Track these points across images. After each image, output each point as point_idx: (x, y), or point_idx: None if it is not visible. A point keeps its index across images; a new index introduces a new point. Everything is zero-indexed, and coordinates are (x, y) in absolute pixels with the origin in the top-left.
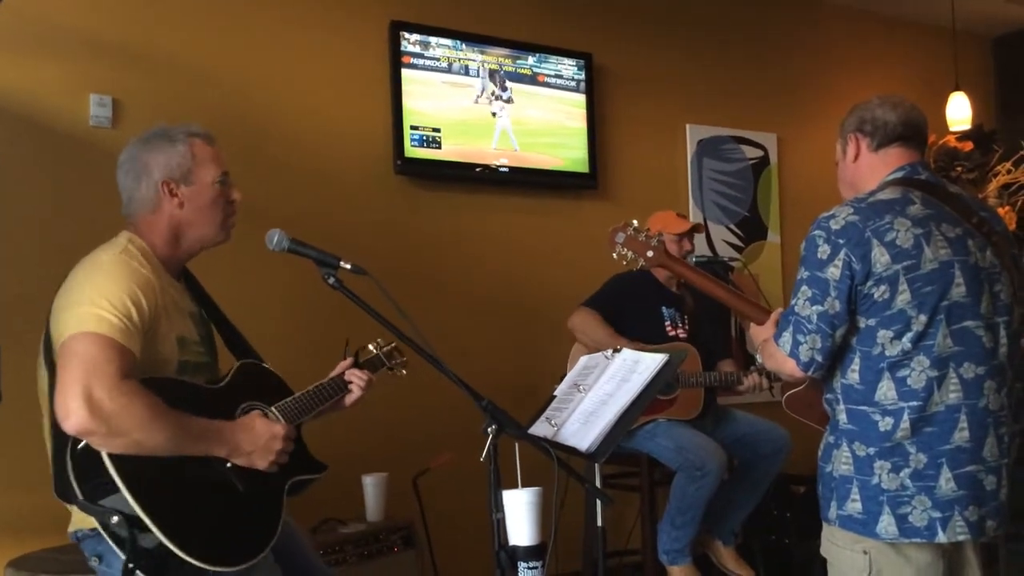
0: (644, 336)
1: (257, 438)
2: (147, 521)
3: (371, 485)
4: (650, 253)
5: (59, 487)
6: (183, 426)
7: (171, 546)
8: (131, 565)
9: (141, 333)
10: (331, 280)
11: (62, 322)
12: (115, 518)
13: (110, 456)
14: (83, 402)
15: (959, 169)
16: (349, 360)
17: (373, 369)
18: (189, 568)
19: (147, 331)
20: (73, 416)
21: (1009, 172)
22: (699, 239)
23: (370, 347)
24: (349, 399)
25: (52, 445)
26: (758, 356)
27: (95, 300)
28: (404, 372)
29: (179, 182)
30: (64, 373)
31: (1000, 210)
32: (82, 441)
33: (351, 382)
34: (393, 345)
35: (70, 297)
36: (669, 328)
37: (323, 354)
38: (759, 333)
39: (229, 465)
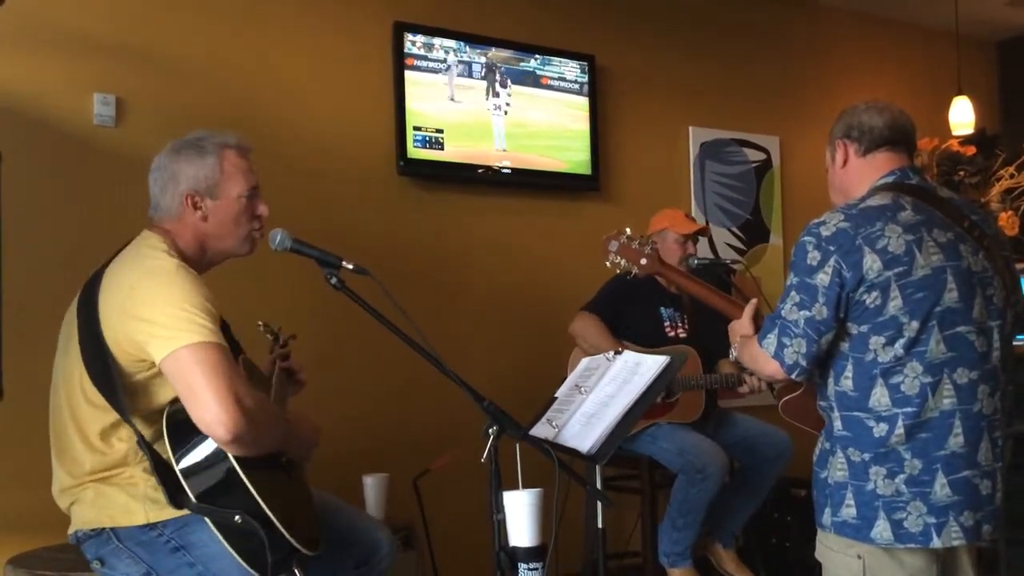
0: (643, 337)
1: (312, 435)
2: (271, 516)
3: (371, 486)
4: (644, 261)
5: (170, 496)
6: (285, 426)
7: (290, 538)
8: (244, 561)
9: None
10: (333, 280)
11: (151, 333)
12: (238, 517)
13: (235, 459)
14: (238, 410)
15: (961, 173)
16: (282, 350)
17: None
18: (288, 554)
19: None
20: (230, 424)
21: (1012, 176)
22: (701, 241)
23: (282, 334)
24: (299, 388)
25: (151, 460)
26: (733, 349)
27: (187, 309)
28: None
29: (204, 195)
30: (199, 385)
31: (1003, 215)
32: (184, 449)
33: (296, 371)
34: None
35: (148, 307)
36: (668, 328)
37: (324, 353)
38: (735, 328)
39: (284, 459)
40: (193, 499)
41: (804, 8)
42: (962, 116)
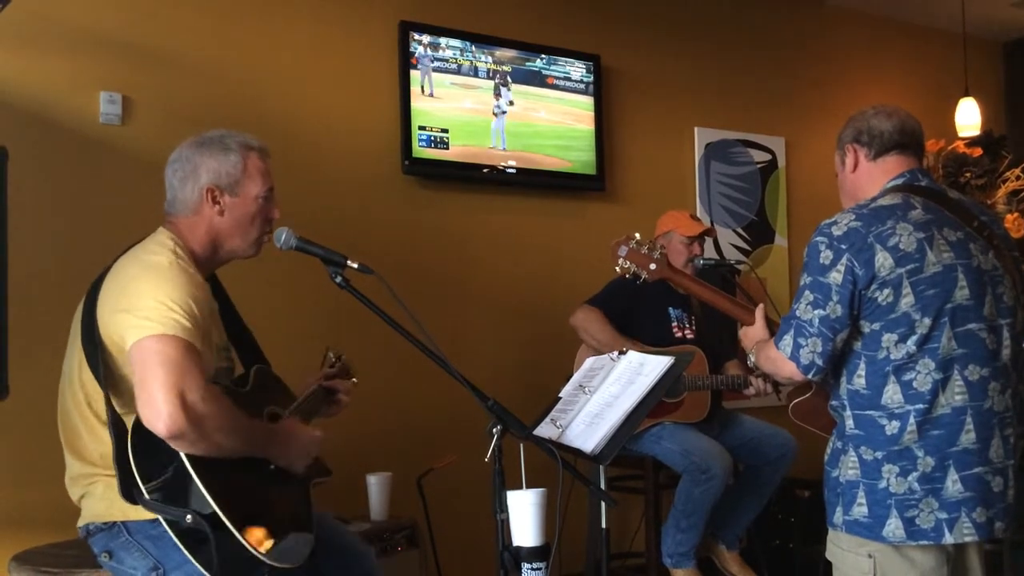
0: (651, 337)
1: (303, 443)
2: (225, 520)
3: (375, 484)
4: (653, 266)
5: (124, 489)
6: (251, 429)
7: (248, 547)
8: (199, 564)
9: (202, 338)
10: (338, 279)
11: (125, 323)
12: (189, 517)
13: (188, 457)
14: (179, 405)
15: (968, 175)
16: (330, 370)
17: (346, 377)
18: (253, 565)
19: (203, 338)
20: (168, 419)
21: (1018, 178)
22: (706, 242)
23: (332, 355)
24: (337, 408)
25: (114, 446)
26: (751, 356)
27: (165, 302)
28: (355, 381)
29: (224, 191)
30: (149, 376)
31: (1009, 216)
32: (146, 442)
33: (338, 391)
34: (344, 356)
35: (131, 297)
36: (676, 329)
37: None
38: (751, 334)
39: (272, 467)
40: (146, 495)
41: (810, 9)
42: (968, 117)
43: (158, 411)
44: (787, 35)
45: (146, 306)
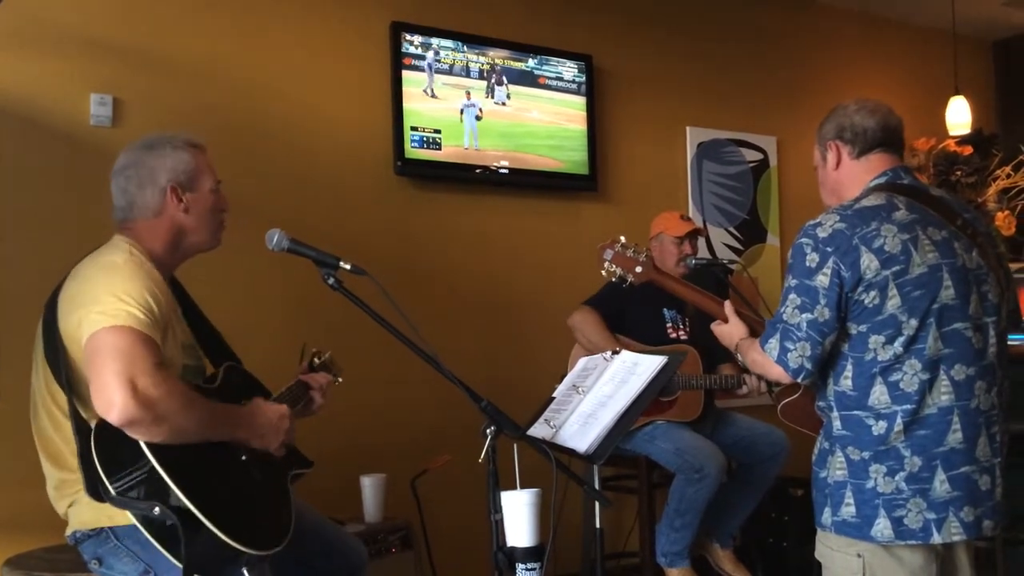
0: (645, 337)
1: (270, 420)
2: (193, 509)
3: (369, 486)
4: (638, 269)
5: (89, 486)
6: (213, 411)
7: (219, 533)
8: (172, 556)
9: (161, 330)
10: (330, 280)
11: (83, 319)
12: (156, 509)
13: (149, 446)
14: (129, 392)
15: (958, 173)
16: (305, 365)
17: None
18: (228, 552)
19: (162, 331)
20: (119, 406)
21: (1008, 176)
22: (699, 242)
23: (314, 354)
24: (315, 406)
25: (78, 444)
26: (737, 355)
27: (119, 296)
28: (340, 380)
29: (184, 188)
30: (101, 366)
31: (999, 215)
32: (110, 437)
33: (312, 387)
34: (328, 354)
35: (88, 295)
36: (670, 329)
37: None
38: (726, 333)
39: (244, 458)
40: (112, 491)
41: (801, 8)
42: (959, 116)
43: (110, 399)
44: (778, 34)
45: (101, 301)
